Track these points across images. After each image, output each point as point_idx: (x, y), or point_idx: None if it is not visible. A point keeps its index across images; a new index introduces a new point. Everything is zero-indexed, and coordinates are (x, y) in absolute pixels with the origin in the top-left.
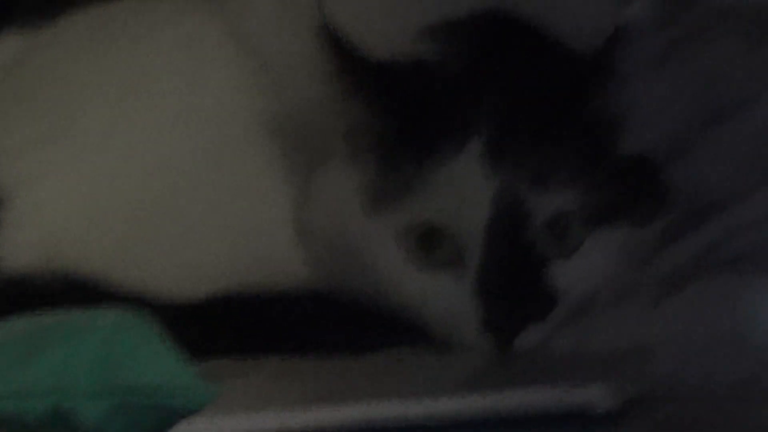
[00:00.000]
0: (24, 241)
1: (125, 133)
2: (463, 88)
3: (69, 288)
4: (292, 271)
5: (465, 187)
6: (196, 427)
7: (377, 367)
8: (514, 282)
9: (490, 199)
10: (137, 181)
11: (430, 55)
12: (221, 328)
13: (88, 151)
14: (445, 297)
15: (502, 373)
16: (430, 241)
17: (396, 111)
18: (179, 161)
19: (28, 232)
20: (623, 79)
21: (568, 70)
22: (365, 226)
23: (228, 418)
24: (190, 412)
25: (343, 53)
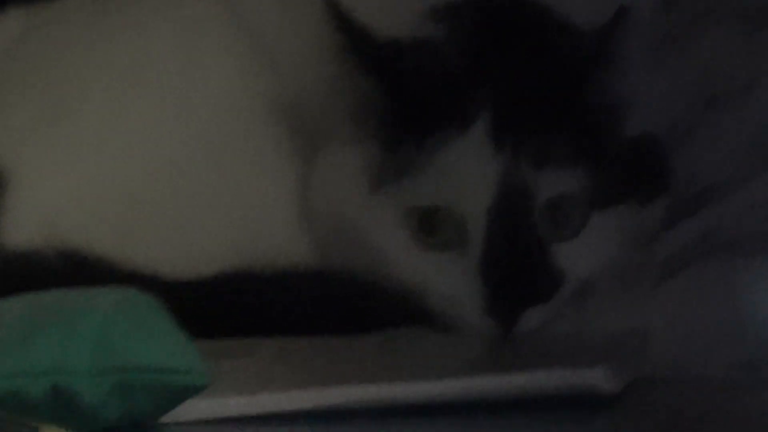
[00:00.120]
0: (27, 220)
1: (127, 114)
2: (468, 68)
3: (72, 267)
4: (296, 251)
5: (469, 169)
6: (198, 406)
7: (380, 347)
8: (517, 264)
9: (493, 181)
10: (139, 161)
11: (434, 34)
12: (225, 308)
13: (91, 132)
14: (447, 278)
15: (504, 354)
16: (433, 222)
17: (400, 91)
18: (181, 142)
19: (31, 211)
20: (624, 62)
21: (570, 51)
22: (369, 207)
23: (230, 399)
24: (192, 392)
25: (348, 32)
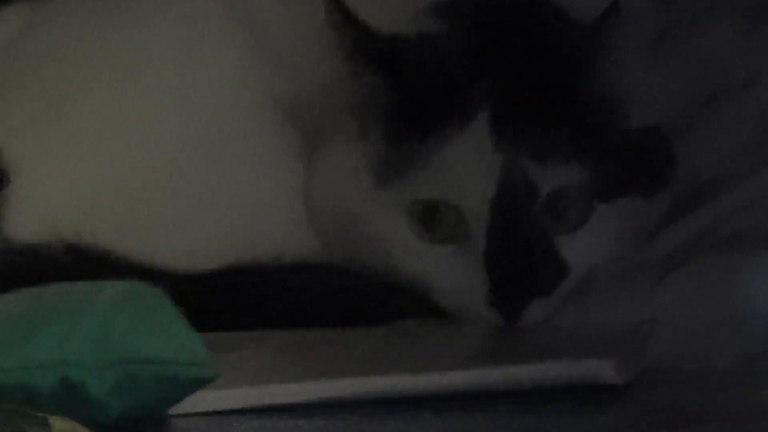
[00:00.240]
0: (32, 214)
1: (130, 109)
2: (469, 63)
3: (77, 261)
4: (300, 244)
5: (470, 163)
6: (206, 399)
7: (385, 340)
8: (521, 256)
9: (495, 175)
10: (142, 156)
11: (435, 30)
12: (230, 301)
13: (94, 126)
14: (451, 271)
15: (508, 346)
16: (436, 216)
17: (402, 86)
18: (184, 137)
19: (36, 206)
20: (620, 56)
21: (568, 44)
22: (372, 202)
23: (237, 391)
24: (198, 384)
25: (350, 27)
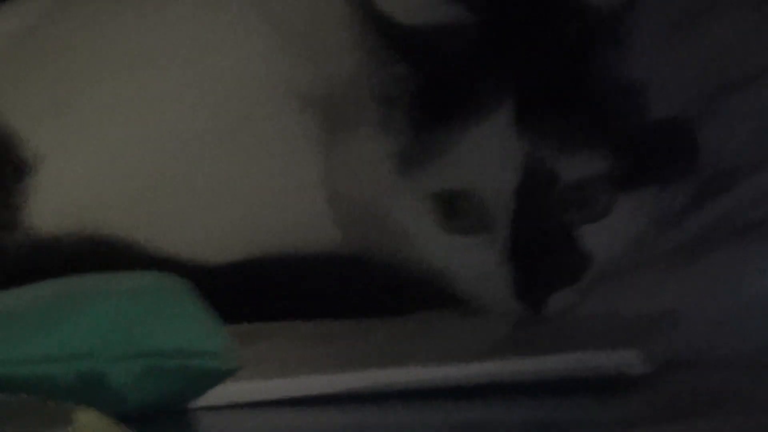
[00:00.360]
0: (54, 205)
1: (152, 99)
2: (493, 52)
3: (100, 252)
4: (323, 235)
5: (493, 152)
6: (229, 390)
7: (408, 331)
8: (545, 246)
9: (518, 164)
10: (167, 146)
11: (458, 19)
12: (253, 292)
13: (116, 116)
14: (475, 261)
15: (531, 337)
16: (459, 206)
17: (426, 76)
18: (208, 127)
19: (58, 196)
20: (642, 43)
21: (589, 32)
22: (394, 191)
23: (260, 383)
24: (221, 376)
25: (374, 17)
